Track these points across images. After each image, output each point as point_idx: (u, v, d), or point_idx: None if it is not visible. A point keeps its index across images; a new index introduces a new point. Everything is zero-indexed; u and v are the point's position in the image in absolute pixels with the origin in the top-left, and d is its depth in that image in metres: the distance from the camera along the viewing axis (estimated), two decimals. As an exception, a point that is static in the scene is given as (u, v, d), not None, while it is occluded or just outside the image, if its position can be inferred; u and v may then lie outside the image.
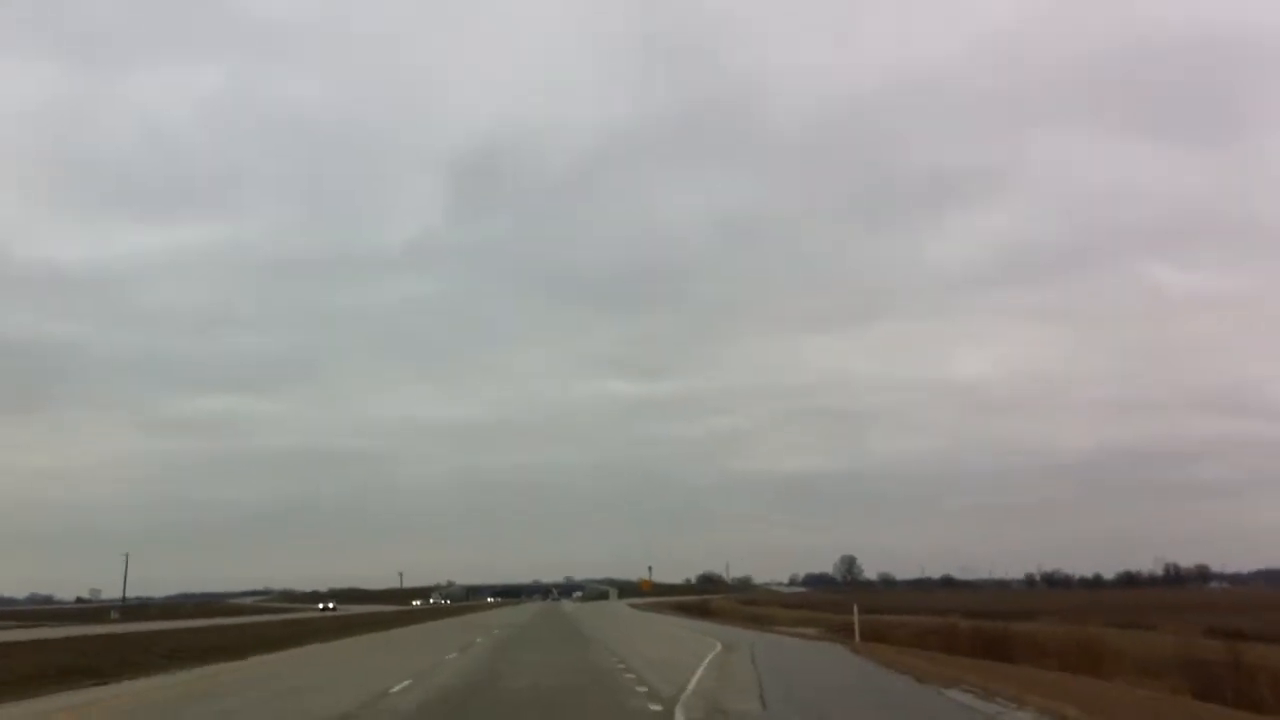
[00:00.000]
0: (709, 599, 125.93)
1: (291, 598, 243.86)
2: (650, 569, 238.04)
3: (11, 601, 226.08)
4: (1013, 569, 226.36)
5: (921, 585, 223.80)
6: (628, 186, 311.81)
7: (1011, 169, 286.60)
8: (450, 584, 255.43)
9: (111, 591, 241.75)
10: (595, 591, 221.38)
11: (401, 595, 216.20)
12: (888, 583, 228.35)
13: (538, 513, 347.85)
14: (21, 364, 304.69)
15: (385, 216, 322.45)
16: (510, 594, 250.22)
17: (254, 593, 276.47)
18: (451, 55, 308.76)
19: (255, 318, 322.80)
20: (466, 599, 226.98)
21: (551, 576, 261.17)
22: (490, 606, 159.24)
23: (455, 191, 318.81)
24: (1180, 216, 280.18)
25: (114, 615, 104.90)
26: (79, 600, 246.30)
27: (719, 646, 34.63)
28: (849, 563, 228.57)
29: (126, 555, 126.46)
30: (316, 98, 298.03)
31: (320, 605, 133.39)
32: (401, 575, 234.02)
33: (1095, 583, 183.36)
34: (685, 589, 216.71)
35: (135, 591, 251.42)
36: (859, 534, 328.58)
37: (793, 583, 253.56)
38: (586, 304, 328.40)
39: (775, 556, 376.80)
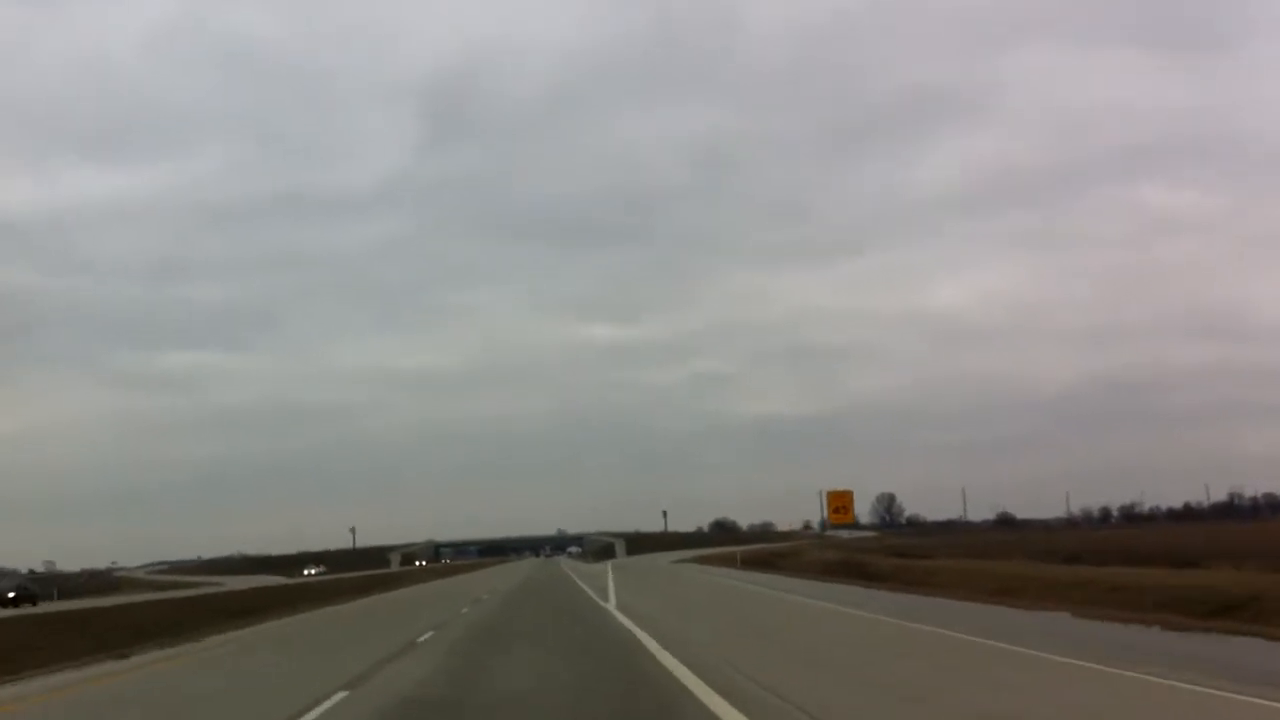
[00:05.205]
0: (777, 549, 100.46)
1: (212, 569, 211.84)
2: (665, 514, 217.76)
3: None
4: (1043, 507, 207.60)
5: (950, 528, 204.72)
6: (598, 115, 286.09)
7: (995, 88, 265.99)
8: (430, 542, 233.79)
9: (70, 563, 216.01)
10: (598, 545, 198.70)
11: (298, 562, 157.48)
12: (916, 524, 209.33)
13: (521, 465, 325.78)
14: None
15: (344, 154, 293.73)
16: (494, 551, 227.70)
17: (165, 564, 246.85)
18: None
19: (211, 264, 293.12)
20: (437, 559, 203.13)
21: (543, 530, 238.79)
22: (422, 578, 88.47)
23: (417, 127, 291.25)
24: (1172, 134, 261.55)
25: None
26: (31, 573, 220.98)
27: None
28: (887, 502, 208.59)
29: None
30: (271, 27, 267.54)
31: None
32: (354, 532, 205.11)
33: (1186, 514, 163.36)
34: (699, 538, 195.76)
35: (86, 563, 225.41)
36: (868, 473, 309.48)
37: (806, 528, 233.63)
38: (556, 242, 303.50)
39: (778, 500, 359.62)
